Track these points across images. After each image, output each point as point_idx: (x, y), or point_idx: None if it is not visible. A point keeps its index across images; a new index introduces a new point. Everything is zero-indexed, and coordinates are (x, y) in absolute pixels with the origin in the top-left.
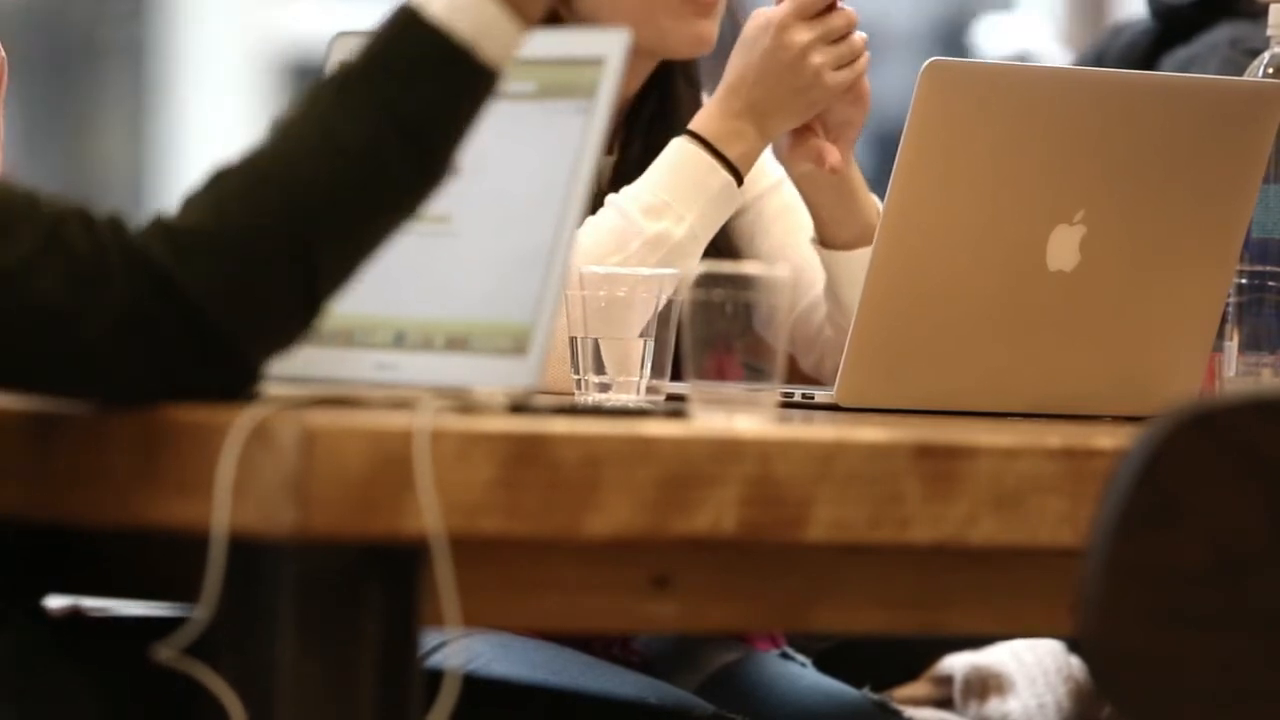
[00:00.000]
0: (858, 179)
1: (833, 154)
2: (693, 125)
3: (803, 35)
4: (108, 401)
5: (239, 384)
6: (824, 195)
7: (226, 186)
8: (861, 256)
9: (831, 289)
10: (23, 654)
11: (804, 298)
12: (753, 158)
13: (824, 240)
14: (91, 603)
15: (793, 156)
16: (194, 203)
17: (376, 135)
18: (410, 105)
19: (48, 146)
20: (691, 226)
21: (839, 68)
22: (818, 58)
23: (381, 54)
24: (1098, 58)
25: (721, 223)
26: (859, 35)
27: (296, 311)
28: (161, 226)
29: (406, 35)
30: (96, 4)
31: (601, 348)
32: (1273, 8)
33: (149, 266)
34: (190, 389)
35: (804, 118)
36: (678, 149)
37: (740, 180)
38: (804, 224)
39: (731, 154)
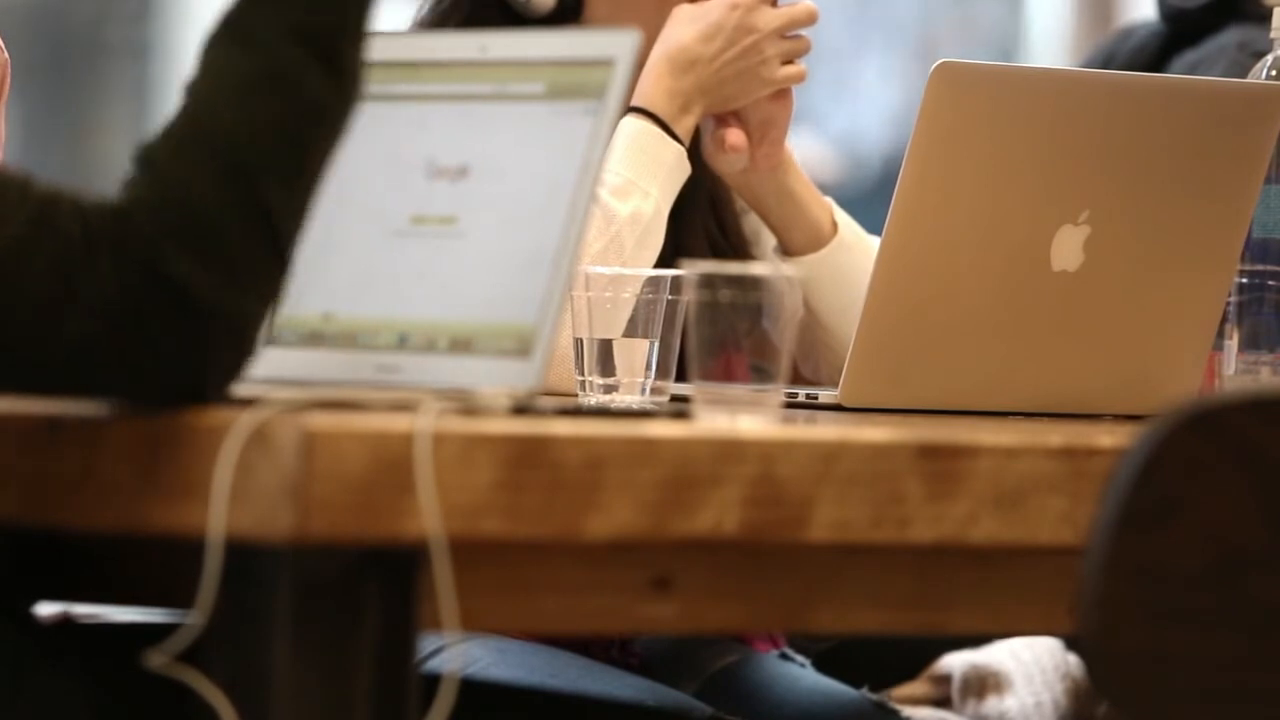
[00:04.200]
0: (799, 182)
1: (734, 135)
2: (640, 101)
3: (769, 20)
4: (101, 395)
5: (238, 357)
6: (763, 202)
7: (162, 163)
8: (813, 261)
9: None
10: (13, 661)
11: None
12: (692, 130)
13: (781, 248)
14: (83, 609)
15: (715, 149)
16: (137, 184)
17: (282, 59)
18: (308, 20)
19: (50, 146)
20: (657, 201)
21: (785, 62)
22: (771, 49)
23: None
24: (1106, 60)
25: (676, 193)
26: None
27: (271, 260)
28: (120, 211)
29: None
30: (100, 4)
31: (601, 348)
32: (1276, 11)
33: (134, 251)
34: (191, 375)
35: (735, 103)
36: (630, 127)
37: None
38: None
39: (680, 130)
